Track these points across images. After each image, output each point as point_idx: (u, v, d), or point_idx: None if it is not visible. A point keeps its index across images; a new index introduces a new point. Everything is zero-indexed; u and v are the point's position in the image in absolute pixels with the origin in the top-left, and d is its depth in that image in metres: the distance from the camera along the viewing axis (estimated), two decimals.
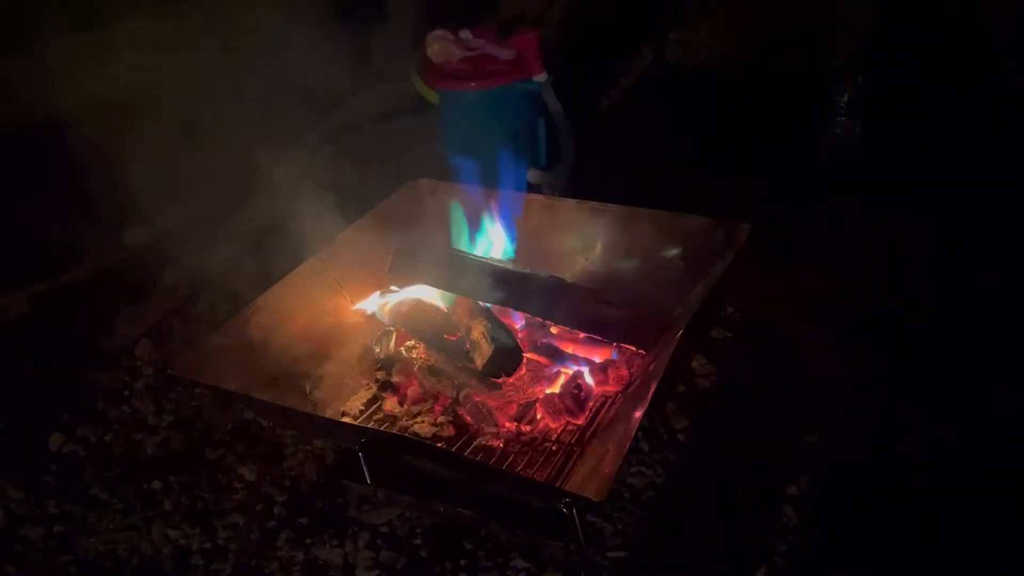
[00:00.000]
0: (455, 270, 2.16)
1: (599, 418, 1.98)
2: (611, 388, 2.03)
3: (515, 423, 1.98)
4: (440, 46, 3.04)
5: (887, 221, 2.91)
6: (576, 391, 1.99)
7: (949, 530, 1.93)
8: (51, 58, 3.27)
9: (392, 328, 2.18)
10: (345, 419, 2.06)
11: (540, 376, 2.10)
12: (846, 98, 3.34)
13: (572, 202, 2.39)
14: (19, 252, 3.17)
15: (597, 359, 2.10)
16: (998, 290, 2.54)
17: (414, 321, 2.17)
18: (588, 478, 1.64)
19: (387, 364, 2.15)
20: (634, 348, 2.06)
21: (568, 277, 2.25)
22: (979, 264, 2.63)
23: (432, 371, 2.09)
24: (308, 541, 2.09)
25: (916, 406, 2.23)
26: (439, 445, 1.89)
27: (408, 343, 2.17)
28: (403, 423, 2.03)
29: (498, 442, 1.95)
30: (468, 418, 1.99)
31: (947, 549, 1.89)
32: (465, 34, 3.06)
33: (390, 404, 2.10)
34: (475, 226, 2.32)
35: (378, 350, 2.16)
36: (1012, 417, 2.16)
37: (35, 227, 3.08)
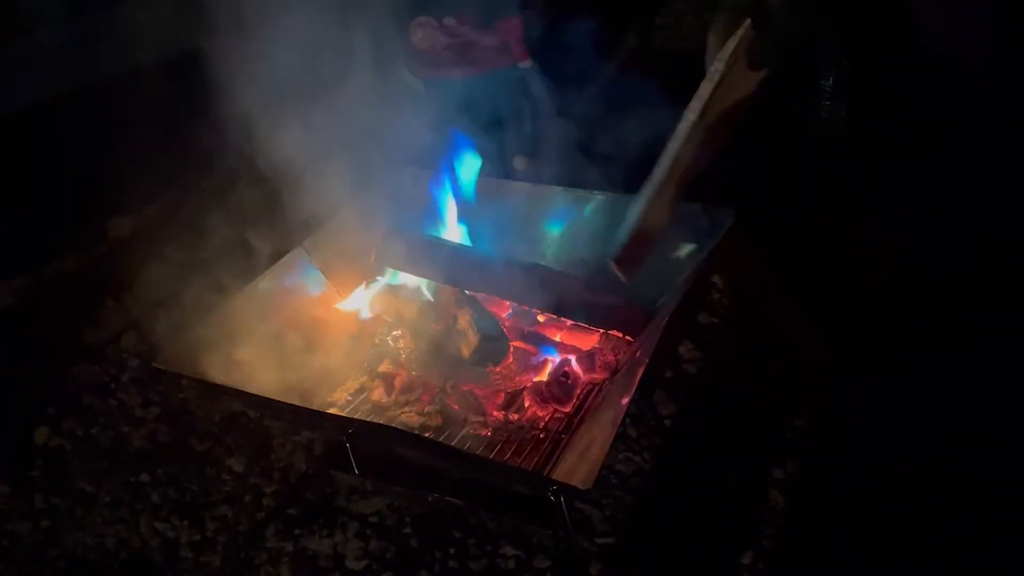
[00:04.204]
0: (439, 257, 2.16)
1: (586, 405, 1.99)
2: (598, 375, 2.03)
3: (503, 412, 1.99)
4: (424, 33, 3.02)
5: (871, 205, 2.91)
6: (563, 379, 1.99)
7: (936, 512, 1.94)
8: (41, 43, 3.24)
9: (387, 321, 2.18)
10: (332, 410, 2.06)
11: (527, 364, 2.11)
12: (831, 82, 3.32)
13: (558, 189, 2.39)
14: (1, 244, 3.15)
15: (584, 347, 2.11)
16: (984, 273, 2.55)
17: (400, 311, 2.16)
18: (575, 466, 1.65)
19: (378, 353, 2.15)
20: (621, 335, 2.07)
21: (555, 265, 2.25)
22: (966, 248, 2.64)
23: (419, 361, 2.09)
24: (297, 532, 2.09)
25: (900, 388, 2.24)
26: (426, 435, 1.90)
27: (395, 333, 2.17)
28: (391, 413, 2.03)
29: (486, 431, 1.95)
30: (456, 407, 1.99)
31: (933, 531, 1.91)
32: (449, 21, 3.04)
33: (377, 394, 2.10)
34: (454, 213, 2.32)
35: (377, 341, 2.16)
36: (999, 398, 2.17)
37: (18, 218, 3.07)
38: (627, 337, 2.06)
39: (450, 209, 2.31)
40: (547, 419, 1.97)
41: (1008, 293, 2.45)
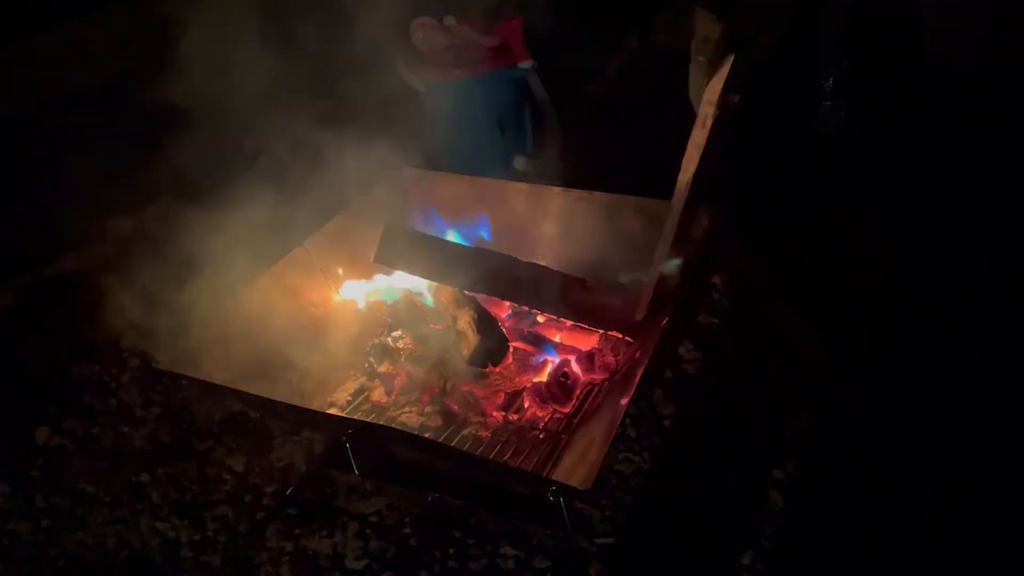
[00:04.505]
0: (440, 257, 2.16)
1: (586, 406, 1.99)
2: (598, 376, 2.03)
3: (502, 412, 1.99)
4: (425, 33, 3.02)
5: (871, 205, 2.91)
6: (563, 379, 1.99)
7: (936, 512, 1.94)
8: (36, 48, 3.24)
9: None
10: (332, 410, 2.06)
11: (527, 365, 2.11)
12: (831, 82, 3.32)
13: (558, 190, 2.39)
14: (2, 244, 3.15)
15: (583, 347, 2.11)
16: (984, 273, 2.55)
17: (400, 311, 2.17)
18: (575, 466, 1.65)
19: (378, 354, 2.15)
20: (619, 335, 2.07)
21: (554, 265, 2.26)
22: (966, 248, 2.64)
23: (419, 361, 2.09)
24: (297, 532, 2.09)
25: (899, 388, 2.24)
26: (426, 435, 1.90)
27: (394, 334, 2.17)
28: (390, 413, 2.03)
29: (485, 431, 1.95)
30: (455, 408, 1.99)
31: (933, 531, 1.91)
32: (450, 21, 3.04)
33: (377, 394, 2.10)
34: (456, 215, 2.32)
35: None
36: (999, 398, 2.17)
37: (19, 218, 3.07)
38: (625, 337, 2.06)
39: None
40: (547, 419, 1.97)
41: (1008, 293, 2.45)
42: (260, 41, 2.48)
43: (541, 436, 1.92)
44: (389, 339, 2.16)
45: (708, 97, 1.70)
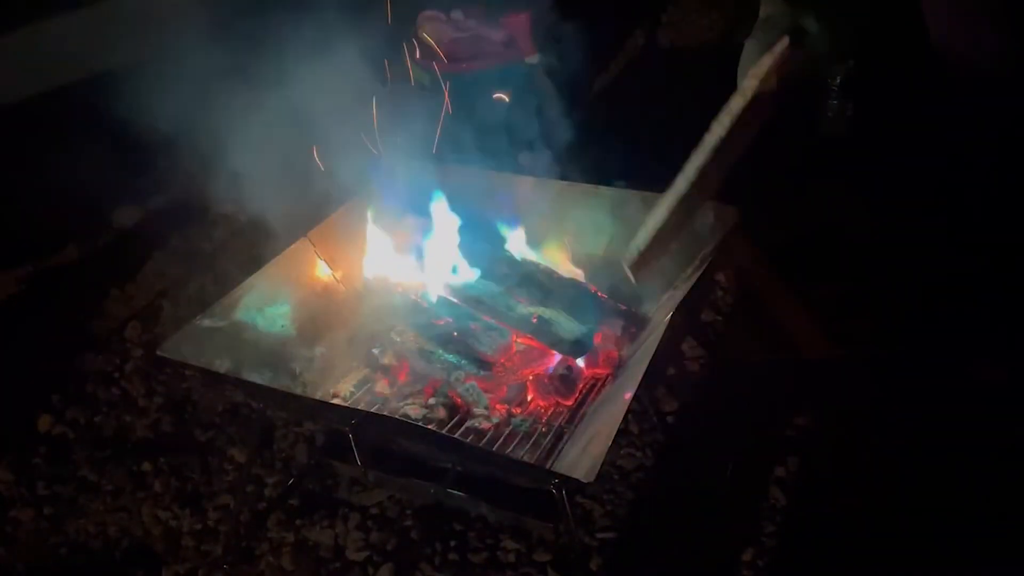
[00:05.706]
0: None
1: (589, 400, 1.99)
2: (601, 370, 2.03)
3: (506, 405, 1.98)
4: (432, 27, 3.02)
5: (876, 204, 2.91)
6: (566, 372, 1.99)
7: (936, 511, 1.95)
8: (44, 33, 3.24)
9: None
10: (335, 400, 2.06)
11: (531, 358, 2.10)
12: (838, 80, 3.32)
13: (563, 184, 2.39)
14: (6, 233, 3.15)
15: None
16: (984, 272, 2.55)
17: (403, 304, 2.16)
18: (577, 460, 1.65)
19: (381, 345, 2.15)
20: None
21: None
22: (966, 248, 2.64)
23: (423, 353, 2.09)
24: (298, 523, 2.10)
25: (901, 386, 2.24)
26: (429, 427, 1.90)
27: (398, 327, 2.17)
28: (394, 405, 2.03)
29: (489, 424, 1.95)
30: (459, 400, 1.99)
31: (934, 530, 1.91)
32: (457, 15, 3.04)
33: (381, 386, 2.10)
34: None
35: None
36: (999, 398, 2.18)
37: (23, 208, 3.07)
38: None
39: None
40: (550, 413, 1.97)
41: (1008, 293, 2.45)
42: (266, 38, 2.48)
43: (544, 429, 1.93)
44: (393, 332, 2.16)
45: (755, 71, 1.71)
